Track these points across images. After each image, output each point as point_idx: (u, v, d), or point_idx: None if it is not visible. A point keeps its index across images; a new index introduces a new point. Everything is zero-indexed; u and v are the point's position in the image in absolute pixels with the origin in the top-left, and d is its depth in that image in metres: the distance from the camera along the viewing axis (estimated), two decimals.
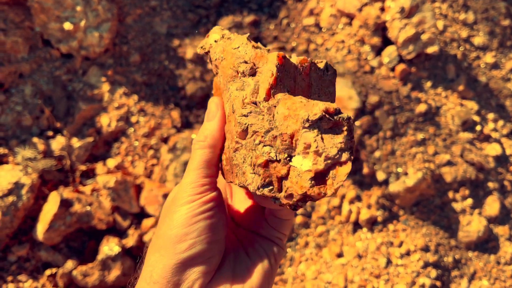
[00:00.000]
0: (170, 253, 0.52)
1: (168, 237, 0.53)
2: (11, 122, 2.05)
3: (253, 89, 0.53)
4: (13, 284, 1.79)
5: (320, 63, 0.55)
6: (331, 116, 0.47)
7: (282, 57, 0.52)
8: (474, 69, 2.51)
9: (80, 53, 2.20)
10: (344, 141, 0.47)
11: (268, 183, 0.50)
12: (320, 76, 0.54)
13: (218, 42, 0.59)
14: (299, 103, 0.49)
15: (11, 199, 1.80)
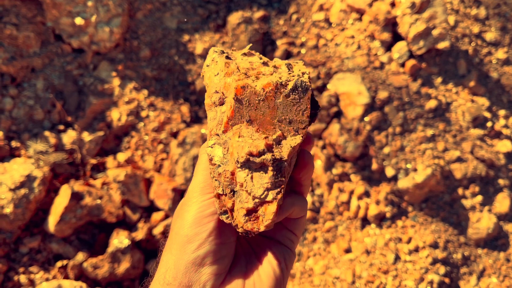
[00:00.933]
0: (181, 253, 0.52)
1: (179, 237, 0.54)
2: (23, 116, 2.08)
3: (218, 120, 0.56)
4: (25, 275, 1.82)
5: (290, 81, 0.54)
6: (256, 157, 0.50)
7: (240, 87, 0.53)
8: (485, 65, 2.48)
9: (91, 48, 2.22)
10: (270, 181, 0.50)
11: (224, 212, 0.54)
12: (288, 96, 0.54)
13: (209, 66, 0.60)
14: (236, 143, 0.52)
15: (23, 191, 1.83)
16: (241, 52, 0.63)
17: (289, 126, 0.55)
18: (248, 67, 0.58)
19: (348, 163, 2.19)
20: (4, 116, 2.05)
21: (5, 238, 1.84)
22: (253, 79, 0.55)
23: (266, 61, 0.62)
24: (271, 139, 0.53)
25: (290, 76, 0.56)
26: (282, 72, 0.58)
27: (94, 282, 1.87)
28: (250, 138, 0.52)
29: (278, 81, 0.54)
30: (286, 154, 0.51)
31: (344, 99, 2.21)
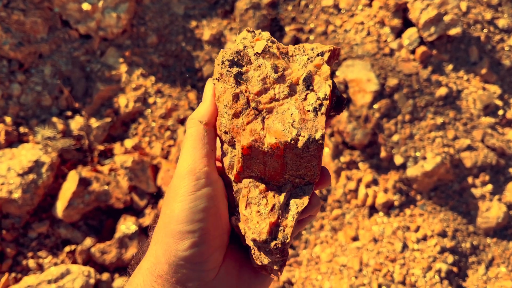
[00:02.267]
0: (173, 248, 0.51)
1: (169, 230, 0.51)
2: (31, 102, 2.08)
3: (229, 163, 0.57)
4: (33, 259, 1.84)
5: (300, 141, 0.52)
6: (260, 243, 0.53)
7: (247, 148, 0.53)
8: (497, 52, 2.44)
9: (98, 33, 2.21)
10: (274, 260, 0.54)
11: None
12: (298, 154, 0.53)
13: (219, 82, 0.58)
14: (243, 217, 0.55)
15: (31, 177, 1.84)
16: (255, 48, 0.58)
17: (299, 179, 0.55)
18: (260, 88, 0.55)
19: (356, 151, 2.17)
20: (12, 102, 2.05)
21: (14, 223, 1.85)
22: (263, 117, 0.54)
23: (281, 70, 0.56)
24: (277, 210, 0.54)
25: (302, 121, 0.53)
26: (298, 97, 0.55)
27: (102, 267, 1.88)
28: (257, 212, 0.54)
29: (287, 141, 0.52)
30: (290, 232, 0.53)
31: (353, 86, 2.18)
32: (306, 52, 0.57)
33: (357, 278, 1.96)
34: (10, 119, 2.01)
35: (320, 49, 0.56)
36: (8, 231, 1.83)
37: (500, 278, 2.04)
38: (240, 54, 0.57)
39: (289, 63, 0.57)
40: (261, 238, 0.53)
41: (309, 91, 0.54)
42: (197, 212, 0.51)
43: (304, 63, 0.56)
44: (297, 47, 0.57)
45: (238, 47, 0.57)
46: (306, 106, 0.53)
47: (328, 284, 1.96)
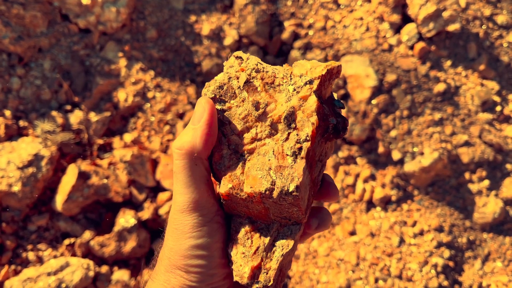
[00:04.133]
0: (183, 283, 0.53)
1: (179, 266, 0.53)
2: (30, 96, 2.09)
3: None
4: (33, 252, 1.85)
5: (274, 191, 0.50)
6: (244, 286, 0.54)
7: (225, 195, 0.52)
8: (496, 48, 2.44)
9: (98, 28, 2.21)
10: None
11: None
12: (276, 202, 0.51)
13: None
14: (231, 257, 0.55)
15: (31, 170, 1.85)
16: (239, 80, 0.53)
17: (286, 220, 0.53)
18: (242, 127, 0.52)
19: (354, 146, 2.18)
20: (11, 96, 2.06)
21: (14, 215, 1.86)
22: (244, 160, 0.52)
23: (263, 107, 0.52)
24: (261, 253, 0.53)
25: (278, 174, 0.50)
26: (280, 136, 0.51)
27: (101, 260, 1.89)
28: (242, 254, 0.53)
29: (262, 191, 0.50)
30: (273, 274, 0.52)
31: (351, 81, 2.19)
32: (293, 79, 0.51)
33: (354, 272, 1.98)
34: (9, 112, 2.02)
35: (310, 76, 0.51)
36: (8, 224, 1.84)
37: (496, 273, 2.06)
38: (223, 88, 0.53)
39: (274, 95, 0.52)
40: (242, 281, 0.53)
41: (291, 130, 0.50)
42: (204, 249, 0.52)
43: (289, 96, 0.51)
44: (286, 74, 0.52)
45: (223, 80, 0.53)
46: (286, 149, 0.50)
47: (325, 278, 1.98)
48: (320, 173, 0.57)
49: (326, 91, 0.54)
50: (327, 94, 0.54)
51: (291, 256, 0.56)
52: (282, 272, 0.56)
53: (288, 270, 0.58)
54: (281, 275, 0.56)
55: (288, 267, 0.57)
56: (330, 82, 0.54)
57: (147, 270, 1.90)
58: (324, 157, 0.57)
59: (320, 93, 0.51)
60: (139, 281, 1.86)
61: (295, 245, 0.53)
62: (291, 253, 0.55)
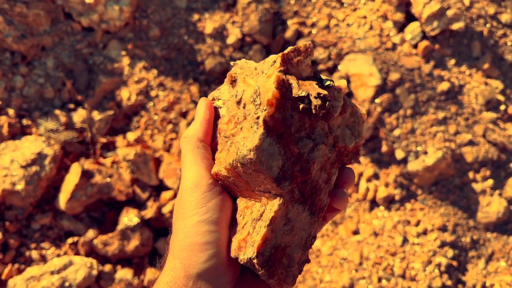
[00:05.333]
0: (190, 261, 0.52)
1: (187, 245, 0.52)
2: (34, 94, 2.09)
3: None
4: (36, 251, 1.85)
5: (237, 159, 0.53)
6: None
7: (215, 177, 0.56)
8: (500, 47, 2.43)
9: (101, 26, 2.21)
10: (261, 274, 0.54)
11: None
12: (246, 172, 0.54)
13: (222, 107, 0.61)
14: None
15: (34, 169, 1.85)
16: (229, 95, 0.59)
17: (267, 192, 0.54)
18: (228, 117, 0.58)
19: None
20: (15, 94, 2.06)
21: (17, 214, 1.86)
22: (231, 143, 0.55)
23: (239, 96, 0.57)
24: (248, 227, 0.54)
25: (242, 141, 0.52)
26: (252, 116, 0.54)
27: (104, 258, 1.90)
28: (236, 231, 0.55)
29: (230, 162, 0.52)
30: (257, 247, 0.52)
31: (355, 80, 2.19)
32: (267, 65, 0.55)
33: (357, 271, 1.97)
34: (13, 111, 2.02)
35: (275, 58, 0.54)
36: (11, 223, 1.85)
37: (500, 273, 2.05)
38: (220, 89, 0.62)
39: (250, 82, 0.56)
40: (232, 255, 0.53)
41: (257, 106, 0.52)
42: (211, 224, 0.52)
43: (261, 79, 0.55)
44: (267, 62, 0.55)
45: (222, 84, 0.62)
46: (251, 123, 0.52)
47: (328, 277, 1.98)
48: (334, 175, 0.58)
49: (301, 69, 0.55)
50: (304, 73, 0.55)
51: (293, 235, 0.55)
52: (284, 253, 0.54)
53: (298, 255, 0.56)
54: (282, 255, 0.54)
55: (297, 251, 0.56)
56: (302, 61, 0.54)
57: (150, 269, 1.90)
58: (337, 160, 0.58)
59: (288, 71, 0.53)
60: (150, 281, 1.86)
61: (277, 218, 0.53)
62: (284, 228, 0.54)
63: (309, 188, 0.54)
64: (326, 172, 0.55)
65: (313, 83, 0.54)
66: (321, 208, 0.57)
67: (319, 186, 0.55)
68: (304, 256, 0.57)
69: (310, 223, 0.56)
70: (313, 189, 0.55)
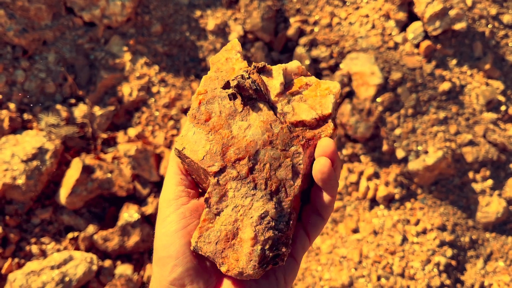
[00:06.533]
0: (160, 275, 0.54)
1: (156, 258, 0.55)
2: (35, 89, 2.08)
3: None
4: (36, 245, 1.85)
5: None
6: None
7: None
8: (502, 47, 2.44)
9: (103, 21, 2.20)
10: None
11: None
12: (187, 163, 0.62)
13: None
14: None
15: (35, 163, 1.84)
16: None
17: (207, 177, 0.57)
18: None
19: (359, 143, 2.18)
20: (16, 89, 2.05)
21: (17, 208, 1.86)
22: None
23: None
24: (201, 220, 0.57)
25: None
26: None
27: (104, 254, 1.89)
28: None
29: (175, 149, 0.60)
30: (199, 228, 0.56)
31: (356, 79, 2.19)
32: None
33: (357, 270, 1.98)
34: (14, 105, 2.01)
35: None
36: (11, 217, 1.84)
37: (498, 273, 2.06)
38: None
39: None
40: (191, 247, 0.56)
41: None
42: (169, 236, 0.54)
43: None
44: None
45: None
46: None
47: (327, 275, 1.98)
48: (298, 153, 0.56)
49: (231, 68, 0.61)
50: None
51: (239, 214, 0.55)
52: (234, 235, 0.54)
53: (248, 237, 0.54)
54: (231, 237, 0.54)
55: (247, 231, 0.54)
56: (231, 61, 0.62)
57: (150, 265, 1.90)
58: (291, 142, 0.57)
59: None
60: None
61: (211, 198, 0.55)
62: (223, 208, 0.55)
63: (249, 167, 0.54)
64: (276, 149, 0.55)
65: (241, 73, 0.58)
66: (281, 184, 0.55)
67: (266, 164, 0.55)
68: (265, 240, 0.53)
69: (263, 201, 0.54)
70: (255, 166, 0.55)
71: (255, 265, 0.52)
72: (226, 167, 0.54)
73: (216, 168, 0.54)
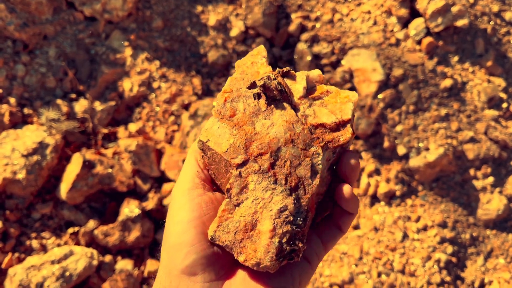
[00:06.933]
0: (170, 262, 0.54)
1: (167, 245, 0.55)
2: (35, 83, 2.07)
3: None
4: (37, 240, 1.85)
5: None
6: None
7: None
8: (503, 44, 2.43)
9: (104, 16, 2.20)
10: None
11: None
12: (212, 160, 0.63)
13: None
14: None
15: (35, 158, 1.84)
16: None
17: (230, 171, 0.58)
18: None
19: (360, 140, 2.18)
20: (16, 83, 2.04)
21: (18, 203, 1.86)
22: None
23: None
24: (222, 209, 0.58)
25: None
26: None
27: (105, 249, 1.89)
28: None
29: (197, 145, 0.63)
30: (214, 227, 0.57)
31: (358, 75, 2.18)
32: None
33: (357, 266, 1.98)
34: (14, 100, 2.01)
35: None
36: (12, 212, 1.84)
37: (499, 270, 2.06)
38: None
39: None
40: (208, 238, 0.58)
41: None
42: (184, 223, 0.54)
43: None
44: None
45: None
46: None
47: (328, 271, 1.98)
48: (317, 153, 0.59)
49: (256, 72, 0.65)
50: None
51: (259, 207, 0.56)
52: (252, 226, 0.55)
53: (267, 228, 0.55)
54: (250, 228, 0.55)
55: (266, 223, 0.55)
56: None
57: (150, 260, 1.90)
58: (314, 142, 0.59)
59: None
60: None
61: (232, 189, 0.57)
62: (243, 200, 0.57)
63: (270, 162, 0.56)
64: (297, 148, 0.57)
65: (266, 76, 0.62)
66: (300, 182, 0.57)
67: (287, 161, 0.57)
68: (283, 233, 0.54)
69: (282, 196, 0.55)
70: (276, 162, 0.57)
71: (272, 257, 0.53)
72: (248, 160, 0.57)
73: (239, 161, 0.56)
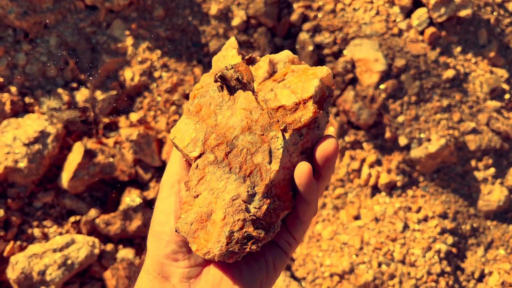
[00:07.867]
0: (154, 247, 0.57)
1: (152, 231, 0.58)
2: (36, 72, 2.07)
3: None
4: (38, 228, 1.85)
5: None
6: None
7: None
8: (506, 35, 2.42)
9: (105, 5, 2.18)
10: None
11: None
12: None
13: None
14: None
15: (37, 147, 1.84)
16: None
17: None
18: None
19: (361, 131, 2.17)
20: (17, 72, 2.04)
21: (19, 192, 1.86)
22: None
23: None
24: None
25: None
26: None
27: (106, 238, 1.90)
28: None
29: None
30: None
31: (360, 65, 2.17)
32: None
33: (358, 256, 1.99)
34: (15, 88, 2.00)
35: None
36: (13, 200, 1.84)
37: (499, 261, 2.07)
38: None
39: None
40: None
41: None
42: (167, 214, 0.57)
43: None
44: None
45: None
46: None
47: (328, 261, 1.99)
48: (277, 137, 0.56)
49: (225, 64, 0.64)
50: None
51: (214, 197, 0.56)
52: (207, 218, 0.55)
53: (219, 218, 0.55)
54: (205, 220, 0.55)
55: (218, 213, 0.55)
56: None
57: None
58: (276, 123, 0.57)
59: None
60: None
61: (191, 181, 0.58)
62: (199, 191, 0.58)
63: (226, 152, 0.56)
64: (254, 134, 0.55)
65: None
66: (256, 169, 0.55)
67: (244, 149, 0.55)
68: (234, 222, 0.53)
69: (236, 185, 0.54)
70: (232, 150, 0.56)
71: (222, 246, 0.52)
72: (205, 152, 0.57)
73: (196, 154, 0.57)
